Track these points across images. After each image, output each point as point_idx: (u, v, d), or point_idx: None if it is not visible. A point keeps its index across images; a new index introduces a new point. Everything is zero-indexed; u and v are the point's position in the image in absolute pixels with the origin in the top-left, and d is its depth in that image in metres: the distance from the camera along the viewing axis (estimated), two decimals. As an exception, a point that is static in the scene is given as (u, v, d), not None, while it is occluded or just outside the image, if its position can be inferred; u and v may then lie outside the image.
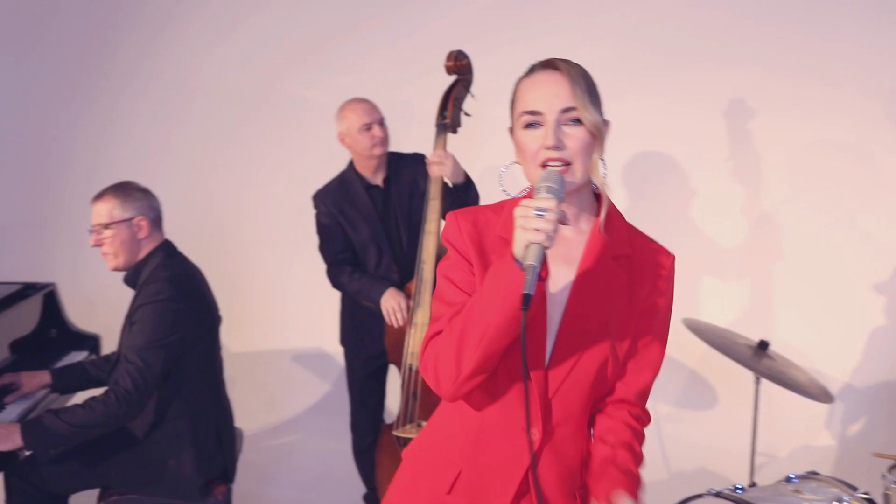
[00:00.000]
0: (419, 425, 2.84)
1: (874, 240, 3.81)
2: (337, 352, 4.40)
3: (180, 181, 4.25)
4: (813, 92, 3.79)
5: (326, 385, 4.33)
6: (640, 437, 1.53)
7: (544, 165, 1.39)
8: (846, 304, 3.82)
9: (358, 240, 3.01)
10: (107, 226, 2.48)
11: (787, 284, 3.86)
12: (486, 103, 3.07)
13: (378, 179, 3.04)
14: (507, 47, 3.56)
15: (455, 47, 3.94)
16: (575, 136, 1.40)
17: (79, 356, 3.08)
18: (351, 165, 3.07)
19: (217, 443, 2.55)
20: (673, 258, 1.51)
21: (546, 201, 1.31)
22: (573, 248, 1.47)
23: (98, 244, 2.50)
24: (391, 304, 2.85)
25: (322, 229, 3.07)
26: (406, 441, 2.85)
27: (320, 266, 4.43)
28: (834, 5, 3.78)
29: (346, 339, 3.24)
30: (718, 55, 3.85)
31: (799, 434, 3.74)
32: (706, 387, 3.95)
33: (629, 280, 1.45)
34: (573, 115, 1.40)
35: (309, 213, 4.38)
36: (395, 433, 2.86)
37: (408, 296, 2.89)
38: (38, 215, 4.35)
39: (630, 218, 1.54)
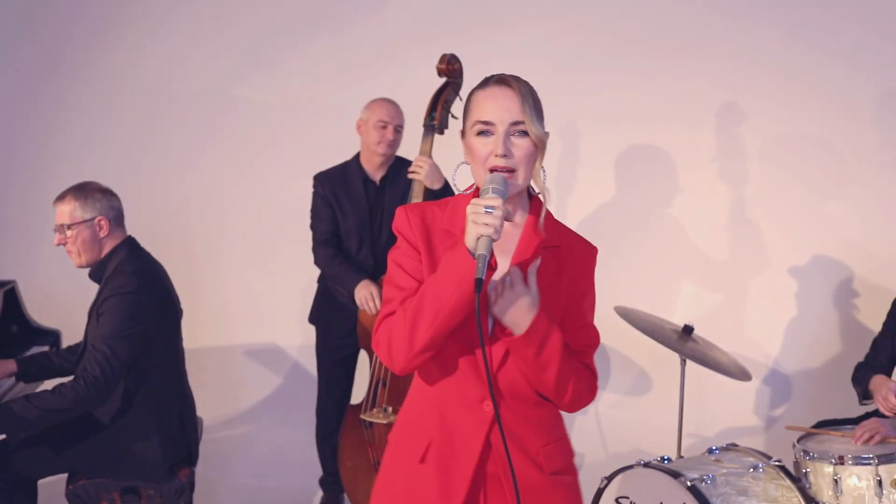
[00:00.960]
0: (385, 409, 3.02)
1: (838, 235, 4.05)
2: (289, 346, 4.58)
3: (138, 182, 4.33)
4: (787, 89, 4.03)
5: (278, 378, 4.46)
6: (591, 369, 1.69)
7: (492, 170, 1.58)
8: (811, 295, 4.05)
9: (344, 226, 3.20)
10: (69, 226, 2.60)
11: (763, 285, 4.07)
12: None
13: (377, 176, 3.23)
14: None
15: (401, 50, 4.12)
16: (520, 147, 1.58)
17: (40, 350, 3.18)
18: (356, 157, 3.27)
19: (181, 428, 2.69)
20: (595, 249, 1.71)
21: (494, 200, 1.50)
22: (510, 240, 1.65)
23: (62, 243, 2.61)
24: (364, 293, 3.02)
25: (315, 208, 3.26)
26: (371, 424, 3.03)
27: (273, 267, 4.56)
28: (808, 12, 4.04)
29: (317, 317, 3.38)
30: (706, 55, 4.08)
31: (726, 416, 4.00)
32: (641, 373, 4.20)
33: (557, 267, 1.64)
34: (521, 127, 1.58)
35: (263, 215, 4.53)
36: (362, 416, 3.03)
37: (380, 287, 3.05)
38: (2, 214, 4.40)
39: (617, 207, 1.74)
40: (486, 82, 1.64)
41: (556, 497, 1.66)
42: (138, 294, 2.53)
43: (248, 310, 4.51)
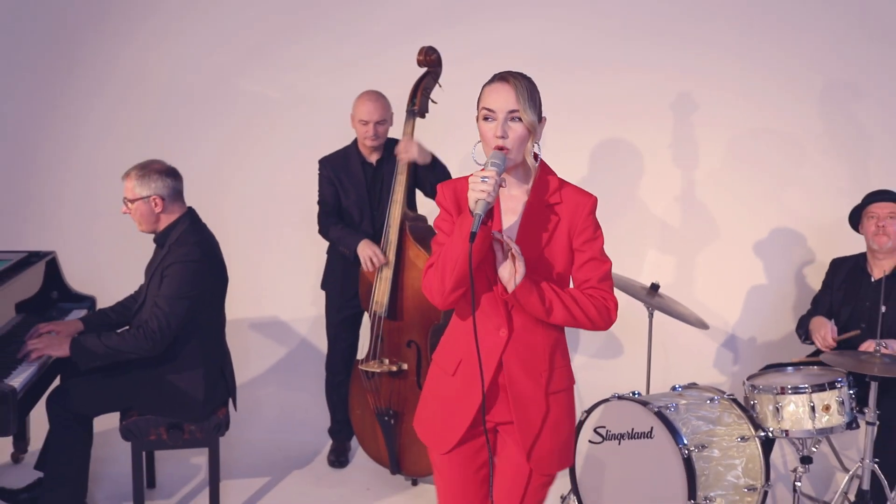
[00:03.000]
0: (381, 362, 3.42)
1: (794, 215, 4.53)
2: (292, 319, 4.94)
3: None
4: (738, 82, 4.47)
5: (283, 349, 4.81)
6: (604, 293, 2.03)
7: (496, 148, 1.97)
8: (764, 264, 4.53)
9: (346, 202, 3.57)
10: (130, 201, 2.99)
11: (720, 255, 4.54)
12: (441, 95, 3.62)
13: (372, 159, 3.60)
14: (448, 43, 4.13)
15: (388, 46, 4.47)
16: (515, 130, 1.97)
17: (79, 314, 3.54)
18: (354, 142, 3.62)
19: (221, 376, 3.09)
20: (592, 198, 2.08)
21: (488, 172, 1.89)
22: (518, 202, 2.06)
23: (127, 212, 3.01)
24: (367, 252, 3.38)
25: (321, 187, 3.63)
26: (371, 374, 3.43)
27: (274, 247, 4.87)
28: (757, 11, 4.48)
29: (327, 283, 3.75)
30: (666, 51, 4.51)
31: (690, 373, 4.47)
32: (611, 336, 4.65)
33: (558, 219, 2.04)
34: (516, 115, 1.97)
35: (264, 199, 4.85)
36: (361, 367, 3.43)
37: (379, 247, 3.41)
38: (41, 193, 4.75)
39: (587, 188, 2.12)
40: (493, 79, 2.03)
41: (551, 409, 2.06)
42: (199, 263, 2.94)
43: (252, 286, 4.79)
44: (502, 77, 2.01)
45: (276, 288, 4.88)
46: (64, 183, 4.71)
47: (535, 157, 2.07)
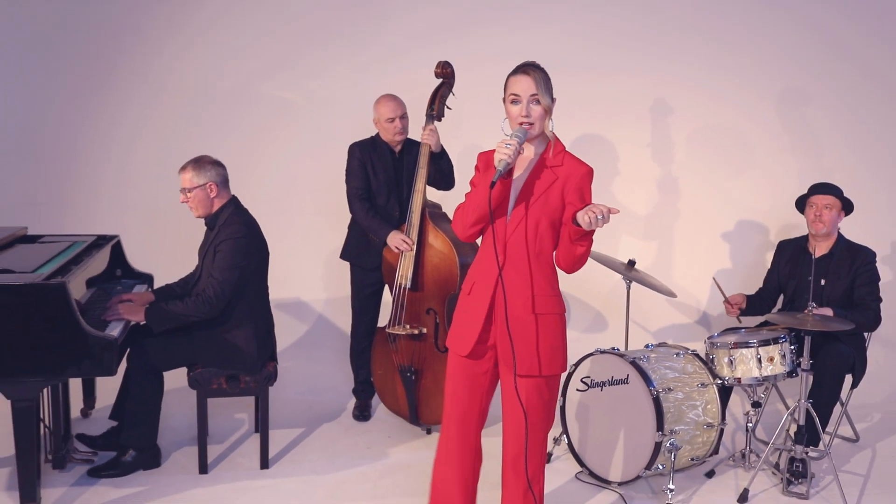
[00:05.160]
0: (404, 326, 4.02)
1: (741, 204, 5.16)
2: (312, 299, 5.51)
3: (181, 163, 5.15)
4: (706, 86, 5.10)
5: (305, 326, 5.37)
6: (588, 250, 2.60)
7: (520, 124, 2.57)
8: (731, 247, 5.16)
9: (376, 183, 4.12)
10: (189, 190, 3.57)
11: (691, 241, 5.18)
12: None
13: (396, 149, 4.15)
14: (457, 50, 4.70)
15: (399, 55, 4.99)
16: (535, 110, 2.57)
17: (141, 289, 4.12)
18: (378, 135, 4.16)
19: (268, 334, 3.70)
20: (588, 168, 2.65)
21: (512, 140, 2.51)
22: (531, 162, 2.64)
23: (184, 201, 3.59)
24: (396, 240, 3.97)
25: (351, 169, 4.13)
26: (395, 336, 4.05)
27: (294, 235, 5.36)
28: (722, 22, 5.11)
29: (347, 254, 4.28)
30: (647, 61, 5.13)
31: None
32: (599, 315, 5.27)
33: (557, 177, 2.61)
34: (536, 98, 2.57)
35: (286, 193, 5.37)
36: (387, 330, 4.05)
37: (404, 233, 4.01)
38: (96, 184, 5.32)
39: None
40: (517, 70, 2.59)
41: (540, 328, 2.61)
42: (246, 239, 3.53)
43: (274, 269, 5.38)
44: (524, 69, 2.60)
45: (296, 271, 5.36)
46: (114, 174, 5.28)
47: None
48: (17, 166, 5.32)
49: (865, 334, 3.96)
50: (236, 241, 3.50)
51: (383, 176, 4.14)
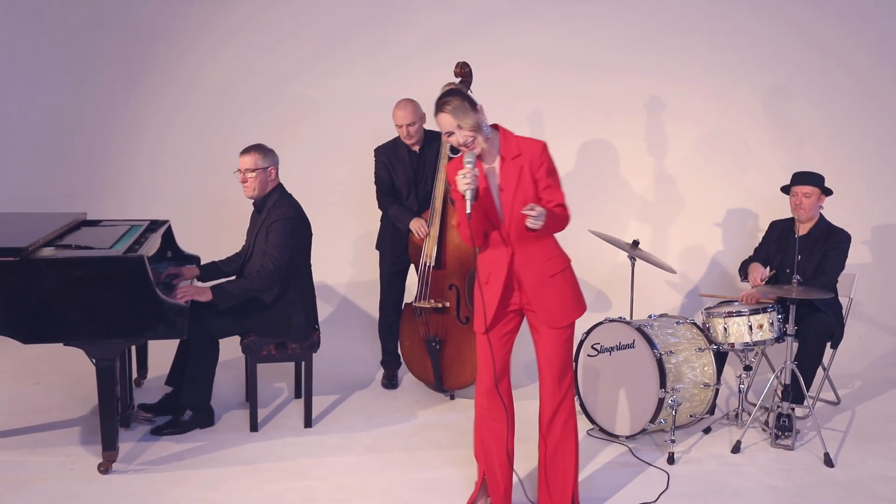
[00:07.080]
0: (429, 301, 4.45)
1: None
2: (337, 283, 5.91)
3: (210, 157, 5.54)
4: (699, 84, 5.49)
5: (330, 307, 5.77)
6: (564, 212, 2.92)
7: (466, 148, 2.89)
8: (725, 231, 5.59)
9: (397, 182, 4.56)
10: (252, 170, 3.95)
11: (687, 226, 5.59)
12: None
13: (415, 148, 4.57)
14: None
15: (417, 55, 5.35)
16: (466, 134, 2.82)
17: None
18: (398, 137, 4.56)
19: (313, 306, 4.12)
20: (542, 144, 2.89)
21: (466, 169, 2.76)
22: (496, 164, 2.97)
23: (243, 181, 3.97)
24: (416, 225, 4.43)
25: (378, 171, 4.58)
26: (421, 310, 4.48)
27: (319, 224, 5.64)
28: (714, 24, 5.51)
29: (380, 244, 4.73)
30: (643, 59, 5.52)
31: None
32: (601, 294, 5.70)
33: (523, 165, 2.94)
34: (459, 126, 2.80)
35: (311, 187, 5.68)
36: (414, 304, 4.49)
37: (424, 220, 4.45)
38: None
39: (574, 174, 3.09)
40: (435, 110, 2.85)
41: (553, 287, 3.01)
42: (295, 220, 3.94)
43: None
44: (439, 108, 2.86)
45: (324, 257, 5.58)
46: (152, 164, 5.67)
47: (495, 126, 2.97)
48: (56, 159, 5.72)
49: (843, 304, 4.41)
50: (287, 221, 3.90)
51: (403, 176, 4.56)
